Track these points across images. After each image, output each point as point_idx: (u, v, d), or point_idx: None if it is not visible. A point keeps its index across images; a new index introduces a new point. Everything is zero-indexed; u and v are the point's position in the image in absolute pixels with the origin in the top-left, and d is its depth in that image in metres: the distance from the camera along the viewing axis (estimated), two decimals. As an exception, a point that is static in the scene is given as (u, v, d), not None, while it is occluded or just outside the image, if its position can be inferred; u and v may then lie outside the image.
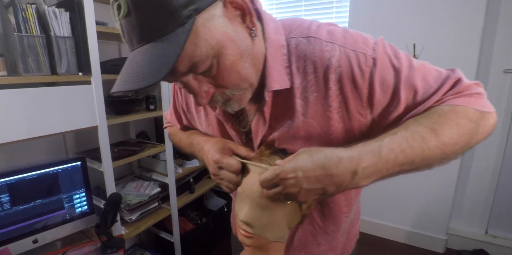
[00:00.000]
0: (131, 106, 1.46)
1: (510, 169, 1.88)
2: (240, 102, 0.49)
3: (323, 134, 0.52)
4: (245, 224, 0.53)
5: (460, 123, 0.44)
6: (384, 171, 0.43)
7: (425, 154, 0.43)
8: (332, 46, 0.47)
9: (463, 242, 2.00)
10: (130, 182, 1.66)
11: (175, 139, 0.79)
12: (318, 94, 0.49)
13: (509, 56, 1.75)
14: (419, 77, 0.48)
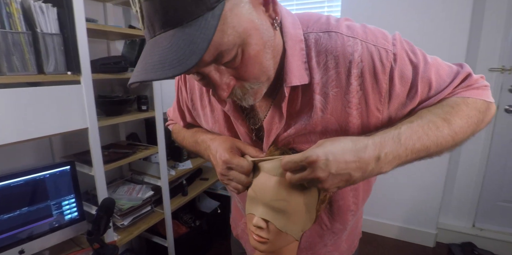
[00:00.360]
0: (122, 107, 1.40)
1: (495, 165, 1.96)
2: (256, 96, 0.47)
3: (340, 130, 0.51)
4: (258, 228, 0.50)
5: (470, 114, 0.48)
6: (403, 157, 0.44)
7: (439, 142, 0.46)
8: (354, 41, 0.47)
9: (452, 236, 2.06)
10: (121, 186, 1.59)
11: (179, 137, 0.76)
12: (339, 90, 0.48)
13: (494, 56, 1.82)
14: (433, 72, 0.50)
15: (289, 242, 0.53)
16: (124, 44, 1.63)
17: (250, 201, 0.53)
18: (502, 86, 1.84)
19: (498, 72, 1.82)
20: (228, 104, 0.55)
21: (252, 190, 0.52)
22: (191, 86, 0.63)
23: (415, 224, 2.09)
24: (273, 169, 0.50)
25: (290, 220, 0.50)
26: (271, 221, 0.49)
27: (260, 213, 0.50)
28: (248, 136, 0.58)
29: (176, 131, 0.78)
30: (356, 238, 0.79)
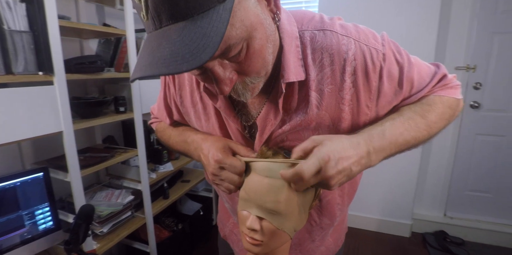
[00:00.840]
0: (99, 109, 1.33)
1: (462, 157, 2.10)
2: (253, 92, 0.47)
3: (332, 126, 0.53)
4: (252, 231, 0.49)
5: (444, 111, 0.54)
6: (388, 151, 0.48)
7: (417, 136, 0.51)
8: (348, 40, 0.49)
9: (426, 225, 2.18)
10: (98, 192, 1.52)
11: (164, 135, 0.73)
12: (333, 86, 0.50)
13: (459, 55, 1.95)
14: (416, 72, 0.54)
15: (283, 242, 0.53)
16: (98, 43, 1.56)
17: (243, 202, 0.52)
18: (467, 83, 1.98)
19: (463, 70, 1.95)
20: (219, 101, 0.54)
21: (244, 191, 0.51)
22: (180, 82, 0.61)
23: (392, 216, 2.19)
24: (266, 170, 0.49)
25: (285, 219, 0.50)
26: (267, 219, 0.49)
27: (255, 212, 0.50)
28: (240, 133, 0.58)
29: (160, 130, 0.75)
30: (342, 233, 0.81)
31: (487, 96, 1.96)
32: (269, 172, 0.49)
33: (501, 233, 2.01)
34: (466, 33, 1.91)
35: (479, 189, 2.11)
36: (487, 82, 1.95)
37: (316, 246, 0.73)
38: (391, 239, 2.15)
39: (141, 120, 1.48)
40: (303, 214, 0.52)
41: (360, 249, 2.03)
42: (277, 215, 0.49)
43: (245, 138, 0.58)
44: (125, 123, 1.76)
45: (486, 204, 2.10)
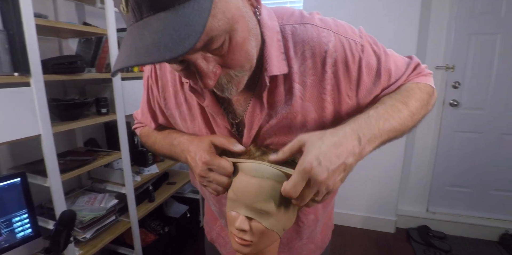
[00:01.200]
0: (79, 111, 1.29)
1: (443, 154, 2.17)
2: (238, 86, 0.47)
3: (317, 117, 0.54)
4: (241, 231, 0.49)
5: (422, 97, 0.56)
6: (378, 137, 0.48)
7: (401, 121, 0.51)
8: (328, 32, 0.51)
9: (409, 221, 2.24)
10: (80, 196, 1.47)
11: (149, 140, 0.71)
12: (315, 78, 0.51)
13: (439, 55, 2.01)
14: (392, 62, 0.56)
15: (272, 242, 0.52)
16: (78, 42, 1.51)
17: (231, 202, 0.52)
18: (446, 82, 2.04)
19: (443, 70, 2.02)
20: (206, 100, 0.54)
21: (232, 192, 0.51)
22: (163, 84, 0.60)
23: (377, 213, 2.24)
24: (254, 171, 0.49)
25: (274, 218, 0.49)
26: (256, 219, 0.49)
27: (244, 212, 0.49)
28: (228, 131, 0.57)
29: (145, 134, 0.74)
30: (329, 230, 0.83)
31: (465, 95, 2.04)
32: (256, 172, 0.48)
33: (480, 226, 2.10)
34: (445, 34, 1.98)
35: (459, 184, 2.18)
36: (465, 82, 2.02)
37: (304, 244, 0.74)
38: (376, 235, 2.19)
39: (124, 121, 1.44)
40: (292, 213, 0.52)
41: (347, 246, 2.06)
42: (266, 215, 0.49)
43: (233, 136, 0.57)
44: (107, 125, 1.71)
45: (466, 199, 2.18)
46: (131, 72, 1.58)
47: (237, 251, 0.51)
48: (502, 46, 1.91)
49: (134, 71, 1.60)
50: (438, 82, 2.05)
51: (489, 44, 1.93)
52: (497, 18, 1.89)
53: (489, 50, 1.94)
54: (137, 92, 1.51)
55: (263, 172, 0.48)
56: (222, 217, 0.73)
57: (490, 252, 1.96)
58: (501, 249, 1.99)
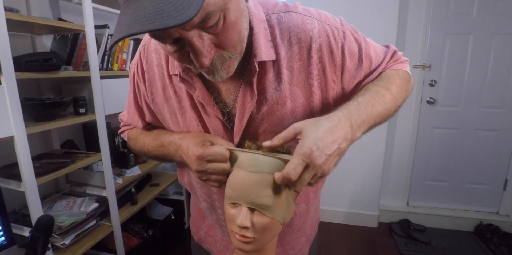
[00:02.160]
0: (55, 111, 1.22)
1: (422, 150, 2.25)
2: (229, 70, 0.47)
3: (306, 103, 0.56)
4: (243, 228, 0.48)
5: (401, 82, 0.58)
6: (367, 122, 0.50)
7: (386, 106, 0.53)
8: (312, 20, 0.53)
9: (391, 215, 2.31)
10: (58, 201, 1.40)
11: (137, 143, 0.69)
12: (302, 63, 0.53)
13: (416, 54, 2.08)
14: (372, 49, 0.59)
15: (273, 236, 0.52)
16: (53, 39, 1.43)
17: (230, 199, 0.50)
18: (423, 81, 2.12)
19: (420, 69, 2.09)
20: (197, 90, 0.54)
21: (231, 189, 0.49)
22: (150, 78, 0.59)
23: (360, 209, 2.29)
24: (252, 166, 0.48)
25: (277, 210, 0.49)
26: (261, 212, 0.48)
27: (244, 216, 0.48)
28: (220, 121, 0.57)
29: (133, 138, 0.71)
30: (316, 223, 0.85)
31: (441, 93, 2.12)
32: (255, 167, 0.47)
33: (457, 217, 2.19)
34: (421, 35, 2.05)
35: (437, 178, 2.27)
36: (441, 80, 2.11)
37: (296, 237, 0.74)
38: (360, 231, 2.24)
39: (104, 122, 1.38)
40: (291, 206, 0.52)
41: (333, 243, 2.09)
42: (267, 209, 0.48)
43: (225, 126, 0.57)
44: (86, 126, 1.64)
45: (444, 192, 2.28)
46: (111, 70, 1.53)
47: (240, 249, 0.50)
48: (475, 45, 2.01)
49: (114, 70, 1.55)
50: (416, 81, 2.12)
51: (462, 43, 2.03)
52: (470, 18, 1.98)
53: (463, 50, 2.03)
54: (117, 91, 1.46)
55: (262, 166, 0.47)
56: (213, 212, 0.71)
57: (466, 242, 2.05)
58: (476, 238, 2.09)
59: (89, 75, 1.30)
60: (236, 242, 0.49)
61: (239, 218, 0.47)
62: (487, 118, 2.09)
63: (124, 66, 1.63)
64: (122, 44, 1.60)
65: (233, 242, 0.50)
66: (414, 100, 2.15)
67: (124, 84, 1.56)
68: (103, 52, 1.47)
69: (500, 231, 2.06)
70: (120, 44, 1.59)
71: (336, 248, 2.04)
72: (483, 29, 1.97)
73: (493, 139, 2.12)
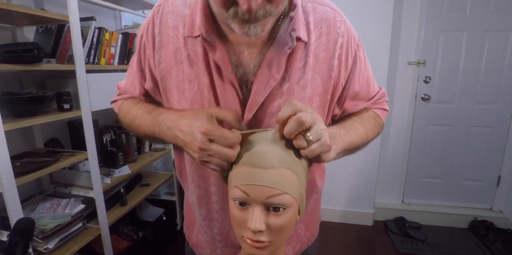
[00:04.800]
0: (36, 106, 1.15)
1: (416, 147, 2.24)
2: (264, 27, 0.45)
3: (323, 95, 0.57)
4: (258, 233, 0.42)
5: (375, 128, 0.65)
6: (340, 154, 0.54)
7: (360, 141, 0.59)
8: (341, 18, 0.57)
9: (386, 213, 2.29)
10: (41, 203, 1.32)
11: (128, 115, 0.62)
12: (327, 54, 0.55)
13: (411, 51, 2.07)
14: (371, 76, 0.66)
15: (287, 237, 0.46)
16: (36, 32, 1.35)
17: (237, 200, 0.44)
18: (418, 77, 2.11)
19: (414, 65, 2.08)
20: (218, 52, 0.51)
21: (240, 190, 0.42)
22: (162, 40, 0.55)
23: (355, 207, 2.26)
24: (263, 162, 0.42)
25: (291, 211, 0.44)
26: (281, 189, 0.41)
27: (260, 210, 0.42)
28: (235, 90, 0.52)
29: (125, 109, 0.64)
30: (317, 222, 0.82)
31: (435, 89, 2.12)
32: (269, 162, 0.41)
33: (452, 214, 2.19)
34: (416, 31, 2.04)
35: (432, 175, 2.27)
36: (435, 76, 2.10)
37: (298, 233, 0.72)
38: (355, 229, 2.22)
39: (90, 118, 1.31)
40: (304, 201, 0.47)
41: (329, 241, 2.06)
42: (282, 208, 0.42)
43: (238, 97, 0.53)
44: (71, 124, 1.56)
45: (438, 189, 2.27)
46: (97, 64, 1.45)
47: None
48: (468, 42, 2.01)
49: (101, 64, 1.48)
50: (411, 78, 2.12)
51: (456, 40, 2.02)
52: (463, 16, 1.98)
53: (457, 46, 2.03)
54: (104, 87, 1.38)
55: (278, 161, 0.42)
56: (204, 203, 0.64)
57: (461, 239, 2.05)
58: (471, 235, 2.09)
59: (74, 69, 1.23)
60: (248, 248, 0.43)
61: (252, 221, 0.41)
62: (481, 114, 2.09)
63: (112, 61, 1.56)
64: (110, 38, 1.53)
65: (245, 248, 0.44)
66: (408, 97, 2.14)
67: (112, 79, 1.49)
68: (89, 45, 1.40)
69: (494, 227, 2.06)
70: (107, 38, 1.51)
71: (332, 247, 2.00)
72: (476, 26, 1.97)
73: (487, 135, 2.12)
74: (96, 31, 1.43)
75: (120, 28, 1.93)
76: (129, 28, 1.79)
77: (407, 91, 2.13)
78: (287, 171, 0.42)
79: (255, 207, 0.42)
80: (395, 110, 2.16)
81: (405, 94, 2.14)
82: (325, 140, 0.44)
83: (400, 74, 2.11)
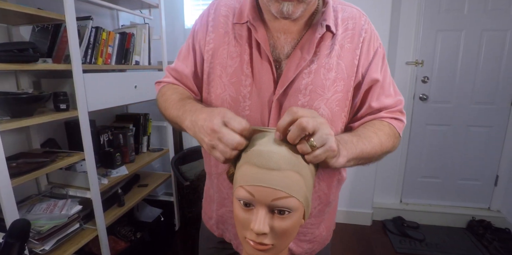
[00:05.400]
0: (33, 106, 1.14)
1: (415, 146, 2.24)
2: (295, 10, 0.55)
3: (347, 81, 0.62)
4: (261, 235, 0.41)
5: (390, 138, 0.64)
6: (351, 161, 0.55)
7: (373, 150, 0.60)
8: (366, 19, 0.66)
9: (385, 213, 2.29)
10: (38, 204, 1.31)
11: (163, 96, 0.69)
12: (351, 45, 0.63)
13: (409, 51, 2.07)
14: (388, 78, 0.68)
15: (291, 240, 0.45)
16: (32, 31, 1.34)
17: (242, 200, 0.43)
18: (416, 77, 2.11)
19: (413, 65, 2.08)
20: (259, 33, 0.61)
21: (245, 191, 0.42)
22: (215, 25, 0.66)
23: (354, 207, 2.26)
24: (270, 163, 0.41)
25: (296, 214, 0.43)
26: (287, 192, 0.40)
27: (263, 212, 0.41)
28: (270, 67, 0.61)
29: (163, 91, 0.71)
30: (332, 226, 0.85)
31: (434, 89, 2.12)
32: (273, 164, 0.41)
33: (450, 214, 2.20)
34: (414, 31, 2.04)
35: (430, 175, 2.27)
36: (433, 76, 2.10)
37: (310, 228, 0.74)
38: (354, 228, 2.22)
39: (87, 118, 1.30)
40: (310, 205, 0.47)
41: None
42: (287, 211, 0.42)
43: (272, 73, 0.61)
44: (69, 124, 1.55)
45: (436, 189, 2.28)
46: (95, 64, 1.44)
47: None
48: (466, 41, 2.01)
49: (98, 64, 1.46)
50: (409, 77, 2.12)
51: (454, 40, 2.03)
52: (461, 15, 1.98)
53: (455, 46, 2.03)
54: (100, 86, 1.37)
55: (284, 163, 0.41)
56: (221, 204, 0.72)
57: (460, 238, 2.05)
58: (469, 234, 2.09)
59: (70, 68, 1.22)
60: (250, 250, 0.42)
61: (256, 223, 0.40)
62: (478, 114, 2.10)
63: (109, 61, 1.55)
64: (107, 38, 1.52)
65: (247, 250, 0.43)
66: (407, 97, 2.14)
67: (110, 79, 1.48)
68: (86, 45, 1.39)
69: (492, 227, 2.07)
70: (104, 38, 1.50)
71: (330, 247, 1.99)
72: (474, 26, 1.98)
73: (485, 135, 2.13)
74: (93, 31, 1.42)
75: (117, 28, 1.92)
76: (126, 28, 1.78)
77: (405, 91, 2.13)
78: (294, 174, 0.41)
79: (260, 208, 0.41)
80: (393, 110, 2.16)
81: (403, 94, 2.09)
82: (331, 146, 0.44)
83: (398, 74, 2.11)
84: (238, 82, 0.63)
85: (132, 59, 1.70)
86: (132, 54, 1.70)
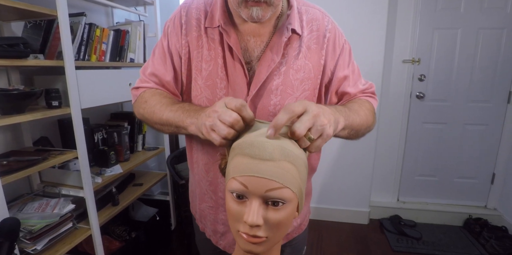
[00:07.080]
0: (24, 103, 1.11)
1: (411, 145, 2.24)
2: (264, 14, 0.58)
3: (314, 80, 0.68)
4: (254, 228, 0.40)
5: (371, 114, 0.70)
6: (346, 129, 0.60)
7: (361, 122, 0.64)
8: (328, 19, 0.70)
9: (382, 211, 2.29)
10: (29, 203, 1.29)
11: (150, 100, 0.66)
12: (317, 46, 0.68)
13: (405, 50, 2.07)
14: (356, 67, 0.75)
15: (286, 232, 0.44)
16: (24, 27, 1.32)
17: (235, 192, 0.42)
18: (413, 75, 2.11)
19: (409, 63, 2.08)
20: (232, 38, 0.64)
21: (239, 183, 0.40)
22: (187, 28, 0.68)
23: (351, 205, 2.26)
24: (263, 153, 0.40)
25: (291, 205, 0.42)
26: (282, 182, 0.39)
27: (258, 203, 0.40)
28: (242, 70, 0.64)
29: (147, 96, 0.68)
30: (307, 213, 0.86)
31: (430, 87, 2.12)
32: (267, 154, 0.40)
33: (447, 212, 2.20)
34: (410, 29, 2.04)
35: (426, 173, 2.27)
36: (430, 74, 2.10)
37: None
38: (351, 227, 2.21)
39: (80, 115, 1.28)
40: (304, 197, 0.46)
41: (324, 240, 2.04)
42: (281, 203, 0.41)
43: (245, 75, 0.64)
44: (62, 122, 1.52)
45: (433, 187, 2.28)
46: (88, 61, 1.42)
47: (248, 252, 0.42)
48: (463, 40, 2.01)
49: (92, 60, 1.44)
50: (405, 75, 2.12)
51: (451, 38, 2.03)
52: (458, 13, 1.98)
53: (451, 44, 2.03)
54: (93, 83, 1.35)
55: (279, 153, 0.40)
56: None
57: (457, 237, 2.05)
58: (466, 232, 2.09)
59: (63, 65, 1.20)
60: (243, 244, 0.41)
61: (250, 215, 0.39)
62: (475, 112, 2.10)
63: (103, 58, 1.53)
64: (101, 35, 1.50)
65: (240, 244, 0.42)
66: (403, 95, 2.14)
67: (103, 76, 1.46)
68: (79, 41, 1.37)
69: (488, 225, 2.07)
70: (98, 35, 1.48)
71: (328, 246, 1.99)
72: (470, 24, 1.98)
73: (481, 133, 2.13)
74: (86, 27, 1.40)
75: (112, 25, 1.90)
76: (121, 25, 1.76)
77: (402, 89, 2.13)
78: (289, 165, 0.40)
79: (253, 200, 0.40)
80: (390, 108, 2.16)
81: (400, 92, 2.14)
82: (327, 134, 0.46)
83: (395, 72, 2.11)
84: (213, 85, 0.65)
85: (126, 56, 1.68)
86: (127, 52, 1.68)
